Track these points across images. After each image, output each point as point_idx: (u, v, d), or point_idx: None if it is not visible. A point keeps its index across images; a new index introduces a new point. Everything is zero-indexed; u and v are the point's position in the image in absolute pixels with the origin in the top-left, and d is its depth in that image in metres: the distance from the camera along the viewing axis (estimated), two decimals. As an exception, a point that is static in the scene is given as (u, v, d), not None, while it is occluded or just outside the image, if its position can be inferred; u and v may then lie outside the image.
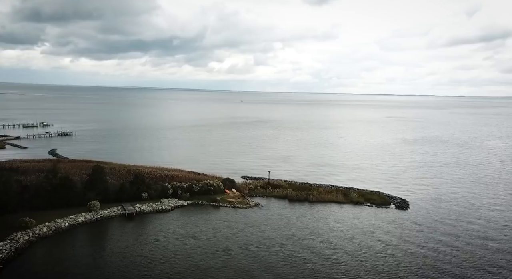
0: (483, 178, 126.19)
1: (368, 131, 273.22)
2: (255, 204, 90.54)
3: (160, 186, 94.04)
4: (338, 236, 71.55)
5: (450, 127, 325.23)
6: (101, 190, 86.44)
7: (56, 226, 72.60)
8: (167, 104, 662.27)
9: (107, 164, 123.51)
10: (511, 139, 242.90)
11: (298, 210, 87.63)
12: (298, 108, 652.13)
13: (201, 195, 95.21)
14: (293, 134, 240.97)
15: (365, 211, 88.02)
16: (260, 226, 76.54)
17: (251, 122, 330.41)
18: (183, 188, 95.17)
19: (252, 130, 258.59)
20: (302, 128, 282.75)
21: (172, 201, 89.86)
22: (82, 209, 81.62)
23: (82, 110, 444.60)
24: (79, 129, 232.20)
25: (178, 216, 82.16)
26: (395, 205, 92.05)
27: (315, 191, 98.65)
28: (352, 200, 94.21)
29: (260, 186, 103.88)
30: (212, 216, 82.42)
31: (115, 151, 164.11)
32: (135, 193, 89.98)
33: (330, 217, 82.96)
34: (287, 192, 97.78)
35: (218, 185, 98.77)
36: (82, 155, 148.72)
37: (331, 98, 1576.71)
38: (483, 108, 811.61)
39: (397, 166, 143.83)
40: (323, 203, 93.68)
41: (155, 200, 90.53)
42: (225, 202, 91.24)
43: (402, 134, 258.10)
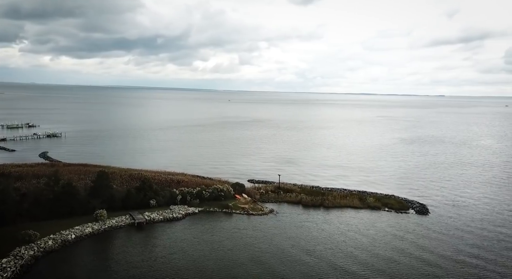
0: (493, 179, 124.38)
1: (363, 131, 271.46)
2: (269, 211, 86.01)
3: (168, 192, 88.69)
4: (364, 249, 66.96)
5: (441, 127, 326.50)
6: (106, 197, 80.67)
7: (62, 238, 66.76)
8: (154, 104, 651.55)
9: (105, 168, 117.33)
10: (504, 139, 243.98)
11: (315, 217, 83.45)
12: (287, 107, 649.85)
13: (211, 201, 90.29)
14: (290, 135, 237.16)
15: (384, 217, 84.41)
16: (278, 236, 71.97)
17: (243, 122, 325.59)
18: (192, 194, 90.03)
19: (247, 131, 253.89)
20: (296, 128, 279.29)
21: (183, 209, 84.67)
22: (87, 218, 75.89)
23: (68, 110, 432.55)
24: (68, 130, 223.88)
25: (191, 225, 77.06)
26: (414, 210, 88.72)
27: (329, 195, 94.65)
28: (369, 205, 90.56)
29: (271, 191, 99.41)
30: (227, 225, 77.60)
31: (109, 153, 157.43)
32: (142, 200, 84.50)
33: (350, 225, 78.96)
34: (301, 197, 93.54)
35: (228, 190, 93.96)
36: (75, 158, 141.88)
37: (317, 97, 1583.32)
38: (466, 107, 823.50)
39: (403, 167, 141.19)
40: (339, 208, 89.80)
41: (164, 207, 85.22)
42: (237, 208, 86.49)
43: (397, 133, 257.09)
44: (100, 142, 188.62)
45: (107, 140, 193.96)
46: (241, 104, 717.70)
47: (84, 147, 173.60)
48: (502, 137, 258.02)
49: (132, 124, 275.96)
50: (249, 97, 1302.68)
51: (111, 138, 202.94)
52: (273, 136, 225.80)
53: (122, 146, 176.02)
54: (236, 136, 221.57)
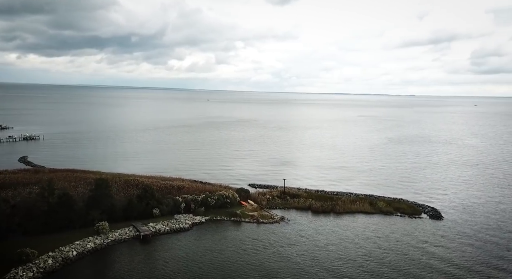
0: (492, 179, 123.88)
1: (350, 131, 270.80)
2: (280, 218, 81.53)
3: (171, 200, 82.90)
4: (393, 267, 63.33)
5: (423, 126, 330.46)
6: (106, 207, 74.26)
7: (62, 256, 60.27)
8: (132, 103, 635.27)
9: (95, 173, 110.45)
10: (486, 138, 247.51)
11: (328, 224, 79.56)
12: (268, 107, 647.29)
13: (216, 209, 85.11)
14: (279, 135, 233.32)
15: (399, 223, 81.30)
16: (296, 246, 67.61)
17: (228, 122, 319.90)
18: (197, 202, 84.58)
19: (234, 131, 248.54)
20: (283, 128, 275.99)
21: (189, 218, 79.15)
22: (87, 231, 69.48)
23: (41, 110, 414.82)
24: (45, 132, 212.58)
25: (200, 236, 71.69)
26: (427, 214, 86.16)
27: (339, 201, 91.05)
28: (381, 209, 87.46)
29: (276, 196, 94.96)
30: (239, 234, 72.68)
31: (94, 157, 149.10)
32: (145, 209, 78.50)
33: (367, 231, 75.43)
34: (310, 203, 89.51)
35: (233, 196, 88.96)
36: (58, 162, 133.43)
37: (294, 97, 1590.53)
38: (439, 106, 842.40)
39: (400, 168, 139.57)
40: (350, 213, 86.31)
41: (168, 216, 79.50)
42: (246, 216, 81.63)
43: (383, 133, 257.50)
44: (82, 145, 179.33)
45: (90, 143, 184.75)
46: (221, 104, 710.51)
47: (66, 150, 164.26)
48: (483, 136, 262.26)
49: (114, 125, 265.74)
50: (227, 97, 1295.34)
51: (93, 140, 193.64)
52: (262, 137, 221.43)
53: (107, 149, 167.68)
54: (225, 137, 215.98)
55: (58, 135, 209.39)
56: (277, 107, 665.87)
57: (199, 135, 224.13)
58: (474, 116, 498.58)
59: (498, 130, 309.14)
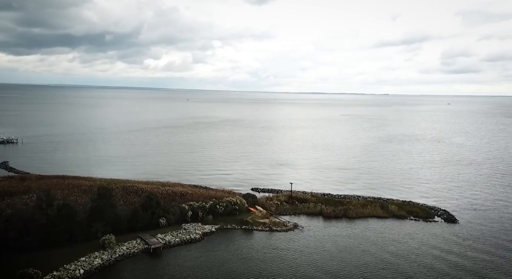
0: (490, 178, 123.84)
1: (338, 130, 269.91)
2: (293, 225, 77.78)
3: (178, 208, 77.89)
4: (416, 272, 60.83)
5: (407, 124, 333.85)
6: (111, 218, 68.70)
7: (69, 275, 54.75)
8: (111, 104, 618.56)
9: (86, 179, 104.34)
10: (470, 136, 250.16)
11: (343, 230, 76.30)
12: (249, 107, 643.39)
13: (224, 216, 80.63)
14: (269, 135, 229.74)
15: (415, 227, 78.92)
16: (316, 255, 64.05)
17: (214, 122, 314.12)
18: (204, 209, 79.86)
19: (222, 132, 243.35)
20: (272, 128, 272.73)
21: (198, 227, 74.39)
22: (91, 245, 63.89)
23: (14, 111, 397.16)
24: (23, 135, 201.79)
25: (213, 247, 67.14)
26: (440, 217, 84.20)
27: (349, 205, 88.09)
28: (394, 213, 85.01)
29: (284, 201, 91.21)
30: (254, 244, 68.52)
31: (81, 161, 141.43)
32: (150, 219, 73.30)
33: (385, 239, 72.52)
34: (321, 208, 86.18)
35: (241, 203, 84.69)
36: (43, 168, 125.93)
37: (273, 96, 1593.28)
38: (415, 105, 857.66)
39: (398, 168, 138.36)
40: (362, 218, 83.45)
41: (175, 226, 74.55)
42: (257, 224, 77.50)
43: (372, 132, 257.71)
44: (65, 148, 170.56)
45: (74, 146, 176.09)
46: (202, 103, 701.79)
47: (49, 154, 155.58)
48: (466, 134, 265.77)
49: (95, 127, 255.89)
50: (206, 96, 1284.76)
51: (77, 143, 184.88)
52: (252, 138, 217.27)
53: (94, 153, 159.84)
54: (214, 138, 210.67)
55: (37, 138, 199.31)
56: (259, 106, 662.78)
57: (187, 136, 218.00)
58: (451, 115, 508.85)
59: (478, 128, 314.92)
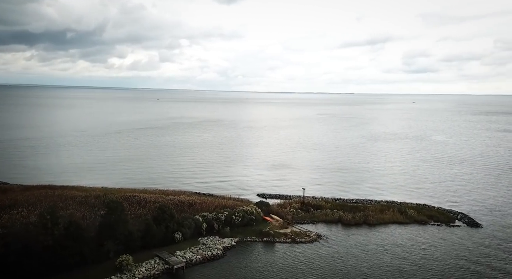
0: (489, 177, 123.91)
1: (321, 130, 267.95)
2: (316, 235, 73.03)
3: (192, 220, 71.43)
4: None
5: (385, 123, 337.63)
6: (123, 235, 61.56)
7: (89, 306, 47.53)
8: (78, 104, 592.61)
9: (78, 189, 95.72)
10: (449, 134, 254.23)
11: (369, 239, 72.25)
12: (224, 106, 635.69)
13: (241, 228, 74.89)
14: (255, 136, 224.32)
15: (440, 232, 76.00)
16: (354, 268, 59.71)
17: (194, 123, 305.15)
18: (220, 221, 73.79)
19: (206, 133, 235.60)
20: (255, 129, 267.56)
21: (217, 241, 68.32)
22: (105, 268, 56.78)
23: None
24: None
25: (239, 263, 61.34)
26: (462, 222, 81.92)
27: (368, 210, 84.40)
28: (414, 218, 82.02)
29: (299, 208, 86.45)
30: (282, 258, 63.25)
31: (65, 168, 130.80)
32: (165, 234, 66.58)
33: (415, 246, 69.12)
34: (340, 215, 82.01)
35: (257, 212, 79.19)
36: (21, 177, 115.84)
37: (244, 96, 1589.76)
38: (384, 104, 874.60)
39: (396, 168, 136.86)
40: (383, 225, 79.93)
41: (191, 241, 68.22)
42: (279, 235, 72.26)
43: (354, 131, 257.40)
44: (42, 153, 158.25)
45: (51, 151, 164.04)
46: (174, 103, 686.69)
47: (25, 161, 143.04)
48: (444, 132, 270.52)
49: (70, 129, 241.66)
50: (177, 96, 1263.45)
51: (53, 148, 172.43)
52: (239, 139, 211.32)
53: (75, 158, 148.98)
54: (200, 140, 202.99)
55: (8, 142, 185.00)
56: (234, 106, 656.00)
57: (171, 138, 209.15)
58: (421, 113, 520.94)
59: (451, 126, 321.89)
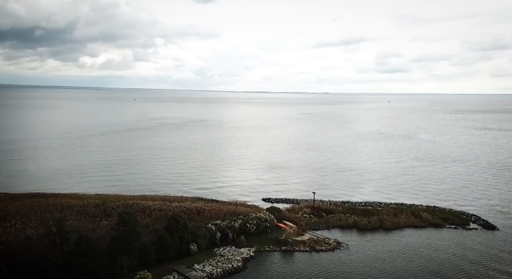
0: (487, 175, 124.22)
1: (308, 129, 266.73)
2: (335, 243, 69.93)
3: (206, 230, 67.02)
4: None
5: (369, 122, 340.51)
6: (138, 249, 56.70)
7: None
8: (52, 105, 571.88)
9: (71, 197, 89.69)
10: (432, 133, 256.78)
11: (389, 244, 69.67)
12: (204, 106, 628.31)
13: (255, 236, 70.98)
14: (244, 137, 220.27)
15: (459, 236, 74.06)
16: (388, 277, 57.01)
17: (179, 123, 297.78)
18: (234, 229, 69.69)
19: (194, 134, 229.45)
20: (242, 129, 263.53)
21: (235, 252, 64.23)
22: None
23: None
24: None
25: (263, 276, 57.58)
26: (477, 224, 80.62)
27: (381, 214, 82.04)
28: (430, 221, 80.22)
29: (311, 214, 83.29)
30: (305, 269, 59.79)
31: (52, 174, 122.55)
32: (180, 245, 62.01)
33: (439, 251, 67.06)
34: (354, 220, 79.31)
35: (271, 219, 75.51)
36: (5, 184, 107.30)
37: (222, 95, 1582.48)
38: (361, 103, 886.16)
39: (394, 168, 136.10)
40: (399, 229, 77.73)
41: (207, 252, 63.93)
42: (297, 244, 68.78)
43: (342, 131, 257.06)
44: (23, 158, 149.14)
45: (34, 155, 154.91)
46: (152, 103, 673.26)
47: (6, 166, 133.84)
48: (426, 130, 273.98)
49: (50, 131, 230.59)
50: (154, 96, 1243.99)
51: (36, 151, 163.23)
52: (228, 140, 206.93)
53: (61, 162, 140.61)
54: (189, 142, 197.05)
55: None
56: (214, 106, 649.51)
57: (158, 140, 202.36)
58: (398, 112, 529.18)
59: (431, 124, 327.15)
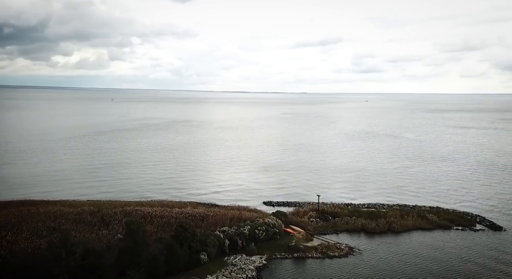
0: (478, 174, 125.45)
1: (295, 129, 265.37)
2: (348, 248, 67.77)
3: (214, 237, 63.76)
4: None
5: (351, 121, 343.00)
6: (147, 260, 53.02)
7: None
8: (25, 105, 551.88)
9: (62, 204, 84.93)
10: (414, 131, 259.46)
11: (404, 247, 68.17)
12: (186, 106, 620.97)
13: (264, 243, 68.15)
14: (231, 137, 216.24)
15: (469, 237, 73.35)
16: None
17: (163, 124, 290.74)
18: (243, 236, 66.66)
19: (180, 135, 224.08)
20: (228, 129, 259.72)
21: (246, 261, 61.25)
22: (132, 303, 48.02)
23: None
24: None
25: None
26: (483, 225, 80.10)
27: (389, 217, 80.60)
28: (437, 223, 79.19)
29: (318, 218, 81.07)
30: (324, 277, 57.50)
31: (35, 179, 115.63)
32: (189, 255, 58.59)
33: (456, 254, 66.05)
34: (362, 223, 77.52)
35: (279, 224, 72.88)
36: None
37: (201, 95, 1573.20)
38: (340, 103, 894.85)
39: (388, 168, 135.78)
40: (407, 231, 76.39)
41: (217, 261, 60.80)
42: (309, 250, 66.34)
43: (328, 131, 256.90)
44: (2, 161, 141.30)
45: (14, 158, 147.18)
46: (131, 104, 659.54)
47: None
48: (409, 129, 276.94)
49: (28, 133, 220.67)
50: (132, 96, 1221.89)
51: (16, 154, 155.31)
52: (217, 140, 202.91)
53: (46, 166, 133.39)
54: (176, 143, 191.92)
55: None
56: (195, 106, 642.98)
57: (144, 141, 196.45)
58: (378, 111, 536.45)
59: (413, 123, 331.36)
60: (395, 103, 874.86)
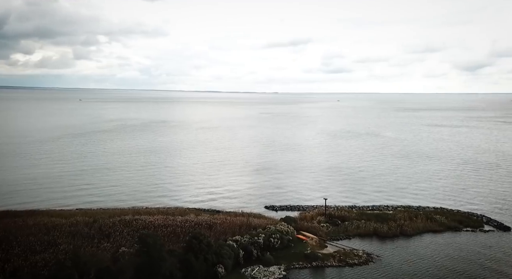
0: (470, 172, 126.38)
1: (277, 129, 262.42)
2: (366, 255, 65.10)
3: (229, 248, 59.58)
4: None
5: (329, 121, 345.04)
6: (164, 277, 48.31)
7: None
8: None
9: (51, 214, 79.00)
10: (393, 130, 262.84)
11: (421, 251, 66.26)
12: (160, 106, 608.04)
13: (278, 251, 64.53)
14: (216, 138, 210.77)
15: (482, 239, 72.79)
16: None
17: (142, 125, 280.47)
18: (258, 245, 62.79)
19: (162, 137, 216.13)
20: (210, 129, 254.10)
21: (265, 272, 57.48)
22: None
23: None
24: None
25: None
26: (491, 226, 79.56)
27: (398, 219, 78.76)
28: (447, 225, 77.99)
29: (327, 222, 78.24)
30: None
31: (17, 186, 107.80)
32: (206, 268, 54.23)
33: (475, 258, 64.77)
34: (374, 226, 75.25)
35: (291, 231, 69.47)
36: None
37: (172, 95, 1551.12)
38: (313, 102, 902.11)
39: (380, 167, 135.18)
40: (418, 234, 74.79)
41: (235, 274, 56.87)
42: (327, 258, 63.30)
43: (310, 130, 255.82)
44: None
45: None
46: (102, 104, 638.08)
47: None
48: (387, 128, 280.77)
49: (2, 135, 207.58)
50: (100, 96, 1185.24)
51: None
52: (201, 142, 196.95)
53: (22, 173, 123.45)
54: (160, 145, 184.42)
55: None
56: (170, 106, 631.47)
57: (124, 144, 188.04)
58: (352, 110, 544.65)
59: (389, 122, 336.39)
60: (366, 103, 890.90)
